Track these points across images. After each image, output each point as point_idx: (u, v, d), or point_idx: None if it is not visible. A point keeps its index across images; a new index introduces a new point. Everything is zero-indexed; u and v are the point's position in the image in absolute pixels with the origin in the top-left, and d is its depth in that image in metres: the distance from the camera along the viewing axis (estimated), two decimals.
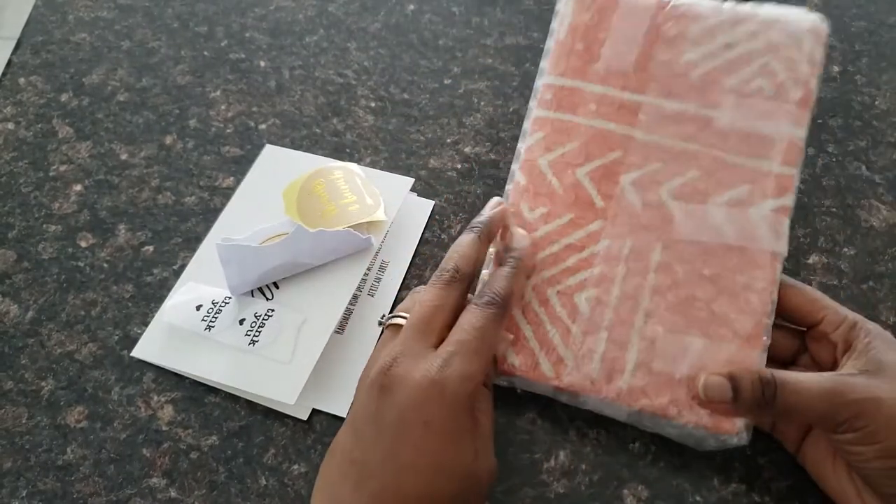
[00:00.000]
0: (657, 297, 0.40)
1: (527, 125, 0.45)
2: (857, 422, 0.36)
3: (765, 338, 0.39)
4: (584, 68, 0.44)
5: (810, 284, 0.47)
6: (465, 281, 0.39)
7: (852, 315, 0.40)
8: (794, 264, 0.49)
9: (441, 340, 0.36)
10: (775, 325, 0.40)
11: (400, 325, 0.38)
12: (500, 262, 0.41)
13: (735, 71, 0.42)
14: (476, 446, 0.35)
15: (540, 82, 0.45)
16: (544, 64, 0.45)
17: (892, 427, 0.35)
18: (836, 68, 0.59)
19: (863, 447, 0.36)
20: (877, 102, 0.57)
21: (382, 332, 0.40)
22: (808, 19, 0.43)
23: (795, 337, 0.42)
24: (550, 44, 0.45)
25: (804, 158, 0.42)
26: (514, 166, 0.44)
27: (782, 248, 0.40)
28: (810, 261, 0.49)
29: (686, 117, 0.42)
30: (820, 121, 0.56)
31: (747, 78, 0.42)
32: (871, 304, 0.47)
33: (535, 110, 0.44)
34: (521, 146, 0.44)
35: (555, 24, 0.46)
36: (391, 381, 0.34)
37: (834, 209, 0.51)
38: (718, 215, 0.41)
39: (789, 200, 0.41)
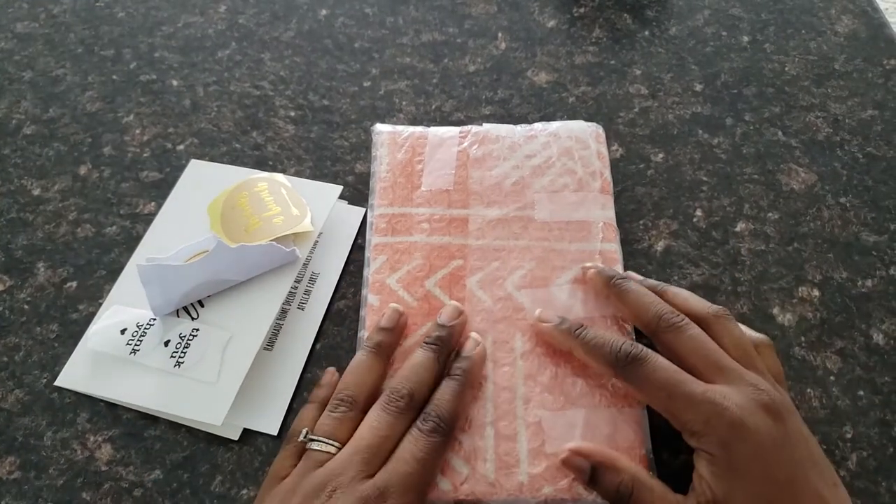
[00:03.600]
0: (530, 381, 0.41)
1: (368, 254, 0.47)
2: None
3: None
4: (409, 195, 0.48)
5: (739, 253, 0.48)
6: (419, 408, 0.38)
7: (711, 394, 0.35)
8: (722, 234, 0.49)
9: (381, 466, 0.35)
10: None
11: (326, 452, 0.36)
12: (447, 371, 0.40)
13: (541, 175, 0.49)
14: None
15: (372, 216, 0.48)
16: (373, 201, 0.49)
17: None
18: (745, 38, 0.61)
19: None
20: (787, 68, 0.59)
21: (304, 451, 0.37)
22: (588, 126, 0.51)
23: None
24: (374, 184, 0.49)
25: (621, 235, 0.48)
26: (364, 291, 0.45)
27: None
28: (738, 228, 0.50)
29: (509, 219, 0.47)
30: (735, 91, 0.57)
31: (553, 178, 0.49)
32: (797, 265, 0.48)
33: (373, 239, 0.47)
34: (367, 272, 0.46)
35: (374, 167, 0.50)
36: None
37: (756, 176, 0.52)
38: (562, 295, 0.44)
39: (619, 270, 0.45)
